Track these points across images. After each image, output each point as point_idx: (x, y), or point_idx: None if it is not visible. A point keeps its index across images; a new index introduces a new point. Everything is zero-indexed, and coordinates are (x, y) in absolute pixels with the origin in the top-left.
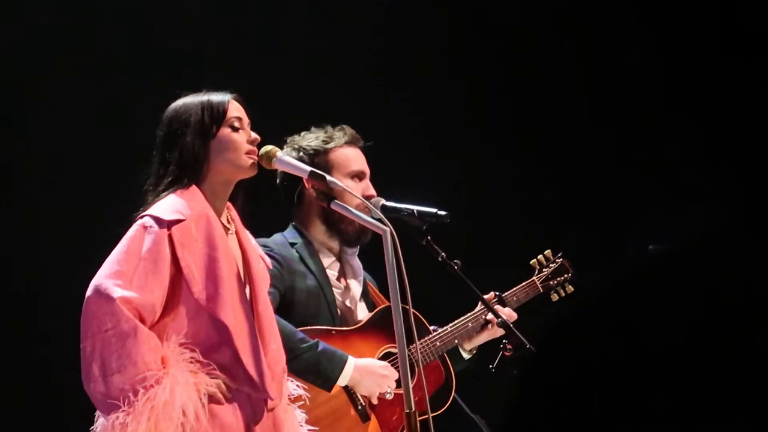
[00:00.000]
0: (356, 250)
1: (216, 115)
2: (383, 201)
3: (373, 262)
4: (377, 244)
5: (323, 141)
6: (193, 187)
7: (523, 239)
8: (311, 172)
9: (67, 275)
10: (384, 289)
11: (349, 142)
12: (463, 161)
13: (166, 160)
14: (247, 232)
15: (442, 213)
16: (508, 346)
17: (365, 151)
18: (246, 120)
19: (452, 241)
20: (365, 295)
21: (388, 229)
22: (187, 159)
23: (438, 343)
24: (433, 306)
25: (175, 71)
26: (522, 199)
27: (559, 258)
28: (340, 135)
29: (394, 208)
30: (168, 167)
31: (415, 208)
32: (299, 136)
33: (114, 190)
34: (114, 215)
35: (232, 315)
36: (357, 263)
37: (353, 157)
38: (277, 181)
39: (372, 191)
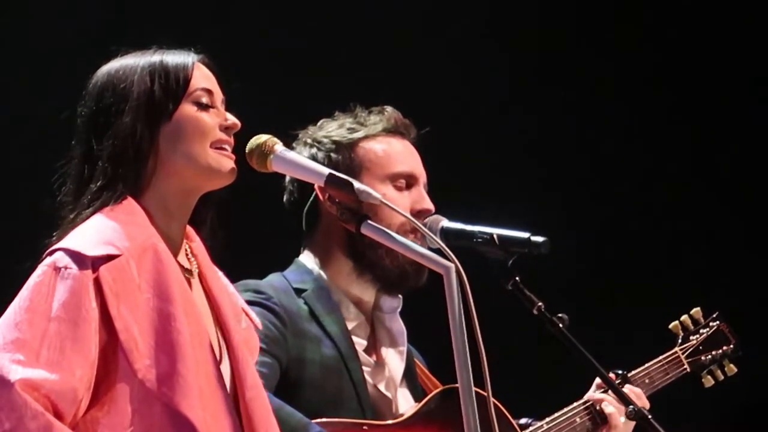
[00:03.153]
0: (398, 304)
1: (173, 86)
2: (444, 221)
3: (420, 319)
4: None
5: (348, 129)
6: (131, 202)
7: (658, 288)
8: (330, 175)
9: None
10: (442, 368)
11: (391, 130)
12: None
13: (92, 153)
14: (221, 274)
15: (538, 239)
16: None
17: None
18: (219, 94)
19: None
20: (409, 376)
21: (452, 265)
22: (123, 152)
23: None
24: (516, 385)
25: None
26: (657, 227)
27: (714, 321)
28: (377, 120)
29: (462, 232)
30: (95, 165)
31: (496, 231)
32: (315, 125)
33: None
34: (21, 243)
35: (200, 406)
36: (398, 326)
37: (397, 152)
38: (284, 194)
39: (428, 204)
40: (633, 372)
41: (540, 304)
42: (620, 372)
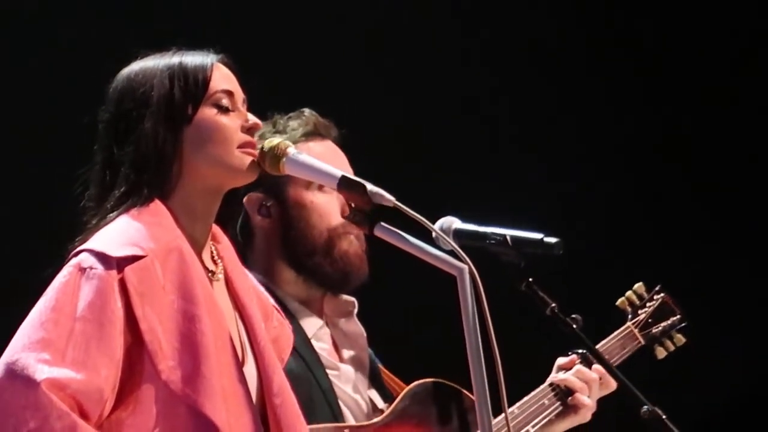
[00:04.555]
0: (352, 308)
1: (193, 88)
2: (457, 222)
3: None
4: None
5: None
6: (157, 204)
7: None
8: (342, 178)
9: None
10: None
11: (311, 134)
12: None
13: (114, 159)
14: (249, 274)
15: (551, 240)
16: None
17: (348, 144)
18: (240, 95)
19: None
20: (375, 378)
21: (466, 266)
22: (146, 157)
23: None
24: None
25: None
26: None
27: (657, 294)
28: (296, 125)
29: (475, 234)
30: (118, 171)
31: (508, 232)
32: None
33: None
34: (45, 248)
35: (223, 408)
36: (355, 329)
37: (318, 155)
38: None
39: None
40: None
41: (554, 304)
42: (580, 351)
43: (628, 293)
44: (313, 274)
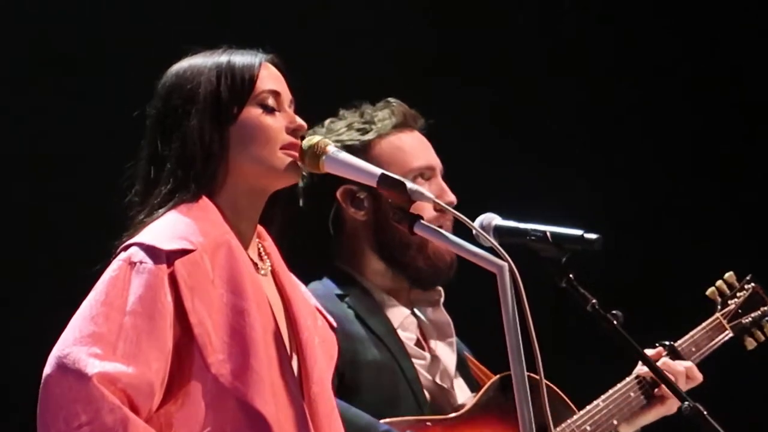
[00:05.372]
0: (439, 296)
1: (239, 87)
2: (497, 219)
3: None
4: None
5: (359, 130)
6: (205, 201)
7: (688, 257)
8: (382, 176)
9: (18, 339)
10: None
11: (401, 125)
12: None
13: (159, 154)
14: (291, 275)
15: (592, 236)
16: None
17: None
18: (287, 95)
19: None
20: (462, 367)
21: (506, 263)
22: (192, 154)
23: (588, 428)
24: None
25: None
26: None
27: (748, 283)
28: (386, 116)
29: (515, 230)
30: (163, 166)
31: (549, 229)
32: (322, 127)
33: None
34: (94, 242)
35: (272, 401)
36: (443, 318)
37: (411, 147)
38: (301, 200)
39: (449, 196)
40: (679, 341)
41: (594, 300)
42: (667, 343)
43: (719, 283)
44: (405, 268)
